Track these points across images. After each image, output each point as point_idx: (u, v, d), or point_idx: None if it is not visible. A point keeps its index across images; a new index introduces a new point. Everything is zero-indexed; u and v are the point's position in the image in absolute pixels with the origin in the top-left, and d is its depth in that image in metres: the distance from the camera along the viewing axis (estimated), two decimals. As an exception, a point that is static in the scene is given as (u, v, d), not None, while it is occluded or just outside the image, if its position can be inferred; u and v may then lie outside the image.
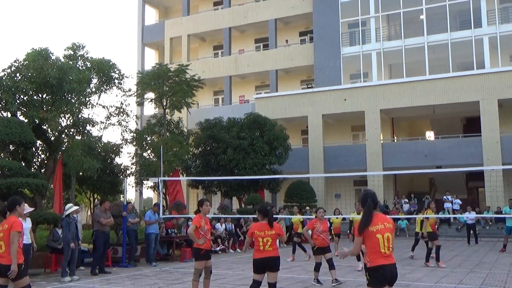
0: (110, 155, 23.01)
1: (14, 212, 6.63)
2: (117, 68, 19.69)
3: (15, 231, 6.34)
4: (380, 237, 5.24)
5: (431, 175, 31.89)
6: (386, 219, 5.42)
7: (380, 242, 5.23)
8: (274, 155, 26.30)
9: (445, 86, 28.48)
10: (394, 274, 5.26)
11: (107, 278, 11.97)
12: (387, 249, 5.23)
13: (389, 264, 5.23)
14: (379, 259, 5.21)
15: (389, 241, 5.27)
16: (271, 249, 7.30)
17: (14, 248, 6.26)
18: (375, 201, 5.40)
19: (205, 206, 8.62)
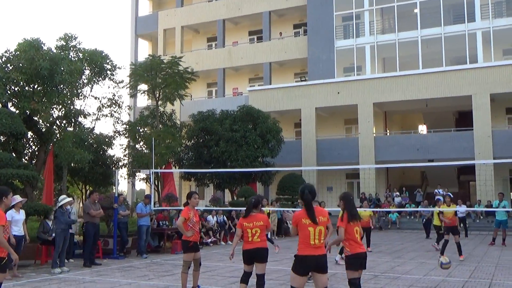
0: (102, 147, 22.96)
1: (0, 204, 6.29)
2: (109, 59, 19.63)
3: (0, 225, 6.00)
4: (312, 230, 5.66)
5: (423, 169, 32.09)
6: (322, 212, 5.78)
7: (311, 235, 5.65)
8: (267, 147, 26.33)
9: (438, 80, 28.57)
10: (320, 263, 5.65)
11: (98, 269, 11.98)
12: (317, 241, 5.65)
13: (316, 255, 5.63)
14: (307, 249, 5.64)
15: (321, 234, 5.67)
16: (259, 240, 7.33)
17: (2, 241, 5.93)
18: (313, 194, 5.75)
19: (194, 199, 8.65)
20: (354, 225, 6.66)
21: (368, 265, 12.28)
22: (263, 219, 7.41)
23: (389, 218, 27.45)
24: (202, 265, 12.75)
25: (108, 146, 23.42)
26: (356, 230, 6.70)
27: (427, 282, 9.92)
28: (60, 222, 11.85)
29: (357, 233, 6.70)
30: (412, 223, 26.98)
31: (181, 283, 8.64)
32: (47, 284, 9.89)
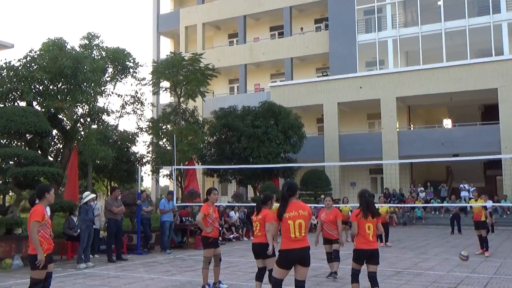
0: (126, 144, 23.27)
1: (43, 200, 6.36)
2: (132, 57, 19.83)
3: (33, 221, 6.13)
4: (291, 223, 5.82)
5: (448, 163, 31.60)
6: (301, 206, 5.94)
7: (291, 228, 5.81)
8: (289, 143, 26.26)
9: (463, 73, 28.08)
10: (303, 256, 5.81)
11: (122, 265, 12.16)
12: (298, 233, 5.79)
13: (298, 248, 5.79)
14: (289, 242, 5.82)
15: (301, 227, 5.81)
16: (260, 234, 7.59)
17: (33, 238, 6.08)
18: (291, 190, 5.95)
19: (213, 195, 8.76)
20: (366, 222, 7.00)
21: (390, 261, 12.33)
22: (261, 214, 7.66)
23: (414, 213, 27.14)
24: (224, 260, 12.84)
25: (132, 143, 23.74)
26: (368, 227, 6.99)
27: (451, 279, 9.79)
28: (84, 219, 12.08)
29: (369, 229, 6.99)
30: (437, 219, 26.62)
31: (202, 278, 8.72)
32: (73, 279, 10.08)
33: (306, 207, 5.97)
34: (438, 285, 9.06)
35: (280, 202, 6.01)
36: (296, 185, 6.10)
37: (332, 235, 9.81)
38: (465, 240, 18.29)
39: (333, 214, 9.84)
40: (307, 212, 5.91)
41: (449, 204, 24.49)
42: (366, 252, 6.99)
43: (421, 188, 28.65)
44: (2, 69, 14.79)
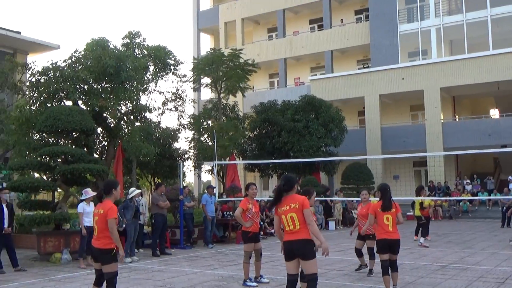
0: (168, 140, 23.68)
1: (110, 195, 6.59)
2: (172, 55, 20.15)
3: (112, 218, 6.38)
4: (284, 218, 5.85)
5: (495, 155, 30.56)
6: (293, 199, 5.86)
7: (284, 221, 5.85)
8: (330, 137, 26.06)
9: (511, 61, 27.06)
10: (296, 248, 5.74)
11: (165, 259, 12.41)
12: (292, 226, 5.79)
13: (292, 240, 5.78)
14: (286, 235, 5.88)
15: (293, 220, 5.78)
16: None
17: (114, 234, 6.35)
18: (288, 185, 5.87)
19: (251, 190, 8.86)
20: (384, 214, 7.74)
21: (435, 256, 12.10)
22: None
23: (460, 207, 26.46)
24: (265, 255, 12.90)
25: (174, 139, 24.13)
26: (387, 218, 7.72)
27: (498, 274, 9.51)
28: (128, 214, 12.40)
29: (388, 220, 7.71)
30: (484, 212, 25.86)
31: (243, 273, 8.80)
32: (119, 272, 10.34)
33: (297, 199, 5.84)
34: (485, 280, 8.82)
35: (274, 195, 6.02)
36: (294, 180, 5.97)
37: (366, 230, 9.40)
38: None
39: (366, 208, 9.52)
40: (298, 204, 5.78)
41: (500, 197, 23.74)
42: (386, 242, 7.66)
43: (467, 181, 27.86)
44: (48, 70, 15.32)
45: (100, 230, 6.44)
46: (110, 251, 6.37)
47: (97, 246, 6.43)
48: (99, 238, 6.44)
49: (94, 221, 6.59)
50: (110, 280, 6.42)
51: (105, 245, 6.39)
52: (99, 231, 6.45)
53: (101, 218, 6.44)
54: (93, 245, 6.53)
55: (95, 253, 6.51)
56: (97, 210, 6.57)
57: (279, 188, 5.95)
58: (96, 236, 6.50)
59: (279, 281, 8.98)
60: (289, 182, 5.90)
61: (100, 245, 6.41)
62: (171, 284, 8.95)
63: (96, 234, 6.49)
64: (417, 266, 10.52)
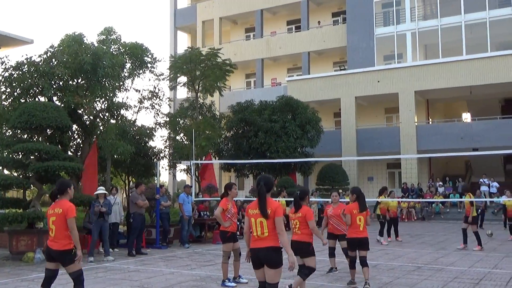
0: (143, 139, 23.39)
1: (65, 195, 6.40)
2: (149, 52, 19.91)
3: (71, 217, 6.19)
4: (253, 221, 5.42)
5: (467, 158, 31.22)
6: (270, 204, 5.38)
7: (253, 225, 5.43)
8: (306, 138, 26.17)
9: (483, 66, 27.67)
10: (262, 256, 5.32)
11: (141, 259, 12.26)
12: (259, 232, 5.35)
13: (259, 248, 5.36)
14: (252, 241, 5.46)
15: (262, 226, 5.34)
16: (300, 232, 7.40)
17: (74, 234, 6.17)
18: (268, 186, 5.43)
19: (234, 190, 8.84)
20: (358, 215, 8.35)
21: (411, 256, 12.26)
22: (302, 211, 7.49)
23: (432, 208, 26.91)
24: (243, 255, 12.88)
25: (149, 138, 23.84)
26: (360, 219, 8.36)
27: (473, 274, 9.69)
28: (93, 212, 12.24)
29: (360, 221, 8.36)
30: (455, 214, 26.35)
31: (222, 273, 8.75)
32: (94, 272, 10.20)
33: (271, 205, 5.36)
34: (460, 281, 8.97)
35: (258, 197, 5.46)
36: (272, 181, 5.57)
37: (338, 229, 9.73)
38: (483, 235, 18.07)
39: (340, 208, 9.57)
40: (271, 210, 5.33)
41: (473, 199, 24.14)
42: (356, 240, 8.36)
43: (440, 183, 28.38)
44: (23, 64, 14.97)
45: (59, 231, 6.19)
46: (70, 251, 6.17)
47: (56, 248, 6.17)
48: (58, 239, 6.18)
49: (50, 221, 6.29)
50: (77, 279, 6.25)
51: (65, 246, 6.17)
52: (57, 231, 6.19)
53: (59, 217, 6.20)
54: (50, 247, 6.23)
55: (53, 255, 6.24)
56: (52, 210, 6.29)
57: (262, 191, 5.40)
58: (53, 237, 6.21)
59: (257, 282, 8.94)
60: (270, 182, 5.50)
61: (59, 246, 6.17)
62: (148, 284, 8.84)
63: (54, 235, 6.21)
64: (393, 267, 10.64)
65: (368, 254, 11.95)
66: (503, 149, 24.05)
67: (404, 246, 14.67)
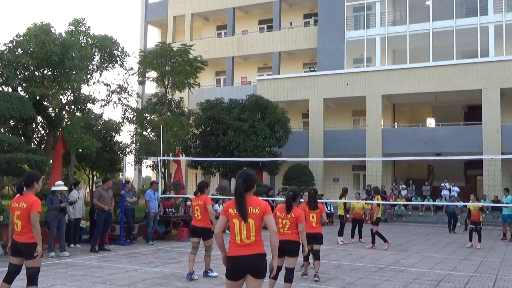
0: (110, 133, 23.07)
1: (31, 188, 6.25)
2: (119, 46, 19.63)
3: (35, 212, 6.08)
4: (237, 223, 4.66)
5: (430, 162, 31.94)
6: (253, 202, 4.73)
7: (236, 228, 4.66)
8: (275, 137, 26.29)
9: (448, 73, 28.36)
10: (249, 266, 4.60)
11: (104, 255, 12.09)
12: (245, 237, 4.63)
13: (244, 256, 4.60)
14: (232, 247, 4.68)
15: (249, 229, 4.63)
16: (290, 232, 7.42)
17: (37, 229, 6.05)
18: (248, 184, 4.75)
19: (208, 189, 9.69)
20: (310, 213, 9.17)
21: (373, 258, 12.47)
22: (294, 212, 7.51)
23: (395, 211, 27.43)
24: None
25: (116, 133, 23.54)
26: (312, 216, 9.17)
27: (432, 276, 9.93)
28: (50, 208, 11.95)
29: (313, 218, 9.18)
30: (417, 217, 26.95)
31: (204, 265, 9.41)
32: (55, 268, 10.00)
33: (258, 204, 4.73)
34: (420, 282, 9.19)
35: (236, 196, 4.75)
36: (254, 178, 4.88)
37: None
38: (443, 238, 18.56)
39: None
40: (259, 209, 4.68)
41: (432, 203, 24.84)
42: (310, 235, 8.63)
43: (403, 186, 28.95)
44: (-14, 53, 14.54)
45: (25, 225, 6.09)
46: (36, 245, 6.07)
47: (23, 240, 6.08)
48: (24, 232, 6.09)
49: (14, 215, 6.17)
50: (32, 276, 6.14)
51: (31, 239, 6.07)
52: (23, 225, 6.09)
53: (24, 212, 6.10)
54: (16, 240, 6.14)
55: (19, 248, 6.13)
56: (17, 204, 6.17)
57: (240, 190, 4.74)
58: (19, 231, 6.12)
59: (223, 280, 8.96)
60: (251, 180, 4.80)
61: (26, 239, 6.07)
62: (111, 281, 8.73)
63: (20, 229, 6.11)
64: (356, 268, 10.81)
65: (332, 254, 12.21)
66: (464, 155, 24.72)
67: (366, 247, 14.91)
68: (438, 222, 25.50)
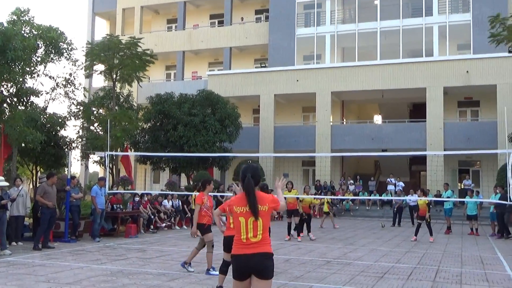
0: (55, 127, 22.34)
1: None
2: (66, 37, 19.04)
3: None
4: (243, 221, 4.50)
5: (376, 158, 32.80)
6: (262, 200, 4.57)
7: (242, 226, 4.50)
8: (225, 133, 26.25)
9: (395, 71, 29.16)
10: (255, 265, 4.42)
11: (48, 253, 11.70)
12: (252, 236, 4.47)
13: (249, 254, 4.44)
14: (237, 246, 4.53)
15: (256, 227, 4.47)
16: None
17: None
18: (256, 177, 4.60)
19: (211, 186, 9.32)
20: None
21: (321, 251, 12.68)
22: None
23: (343, 205, 27.98)
24: (156, 249, 12.70)
25: (61, 127, 22.81)
26: None
27: (378, 268, 10.19)
28: None
29: None
30: (364, 211, 27.61)
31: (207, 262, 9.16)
32: (-6, 267, 9.59)
33: (266, 200, 4.57)
34: (366, 275, 9.41)
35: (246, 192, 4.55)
36: (260, 173, 4.72)
37: None
38: (388, 232, 19.11)
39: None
40: (267, 206, 4.55)
41: (378, 197, 25.51)
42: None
43: (351, 181, 29.58)
44: None
45: None
46: None
47: None
48: None
49: None
50: None
51: None
52: None
53: None
54: None
55: None
56: None
57: (250, 183, 4.52)
58: None
59: (171, 276, 8.86)
60: (257, 175, 4.62)
61: None
62: (55, 280, 8.45)
63: None
64: (304, 261, 10.95)
65: (281, 249, 12.32)
66: (409, 151, 25.61)
67: (315, 241, 15.15)
68: (384, 216, 26.19)
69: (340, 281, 8.70)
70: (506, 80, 26.98)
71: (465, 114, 31.05)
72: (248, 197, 4.51)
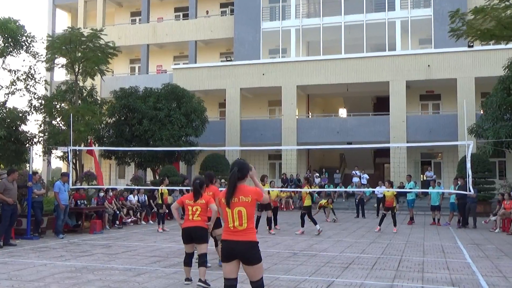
0: (15, 122, 21.77)
1: None
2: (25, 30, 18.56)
3: None
4: (229, 211, 4.91)
5: (342, 151, 33.23)
6: (244, 191, 4.94)
7: (229, 216, 4.91)
8: (191, 127, 26.12)
9: (359, 65, 29.56)
10: (240, 252, 4.84)
11: (10, 250, 11.42)
12: (237, 224, 4.87)
13: (235, 241, 4.86)
14: (226, 232, 4.94)
15: (241, 216, 4.87)
16: (200, 219, 7.57)
17: None
18: (242, 171, 4.98)
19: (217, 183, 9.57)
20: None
21: (287, 243, 12.80)
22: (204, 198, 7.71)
23: (308, 198, 28.22)
24: (122, 244, 12.58)
25: (22, 122, 22.25)
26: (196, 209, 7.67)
27: (343, 259, 10.36)
28: None
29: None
30: (330, 203, 27.91)
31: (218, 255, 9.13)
32: (-47, 266, 9.30)
33: (249, 192, 4.94)
34: (331, 266, 9.55)
35: (229, 185, 4.96)
36: (247, 166, 5.09)
37: None
38: (353, 224, 19.43)
39: None
40: (250, 197, 4.91)
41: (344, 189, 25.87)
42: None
43: (317, 174, 29.89)
44: None
45: None
46: None
47: None
48: None
49: None
50: None
51: None
52: None
53: None
54: None
55: None
56: None
57: (234, 176, 4.92)
58: None
59: (138, 271, 8.79)
60: (244, 169, 5.01)
61: None
62: (17, 277, 8.26)
63: None
64: (271, 254, 11.03)
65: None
66: (373, 144, 26.06)
67: (281, 234, 15.28)
68: (349, 208, 26.61)
69: (306, 272, 8.81)
70: (466, 74, 27.72)
71: (427, 107, 31.77)
72: (227, 188, 4.95)
